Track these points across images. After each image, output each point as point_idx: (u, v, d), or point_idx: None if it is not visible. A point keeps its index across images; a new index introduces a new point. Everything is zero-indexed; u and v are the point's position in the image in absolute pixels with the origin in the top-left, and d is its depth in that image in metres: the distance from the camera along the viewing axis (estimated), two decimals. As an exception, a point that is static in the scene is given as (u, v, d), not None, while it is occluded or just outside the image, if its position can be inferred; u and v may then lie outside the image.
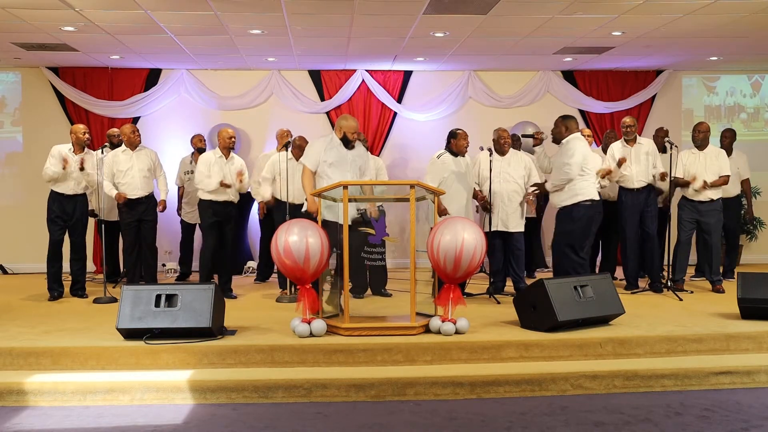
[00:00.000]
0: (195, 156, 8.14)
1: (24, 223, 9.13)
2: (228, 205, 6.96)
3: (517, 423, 3.94)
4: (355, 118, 6.32)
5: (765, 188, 9.87)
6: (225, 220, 6.96)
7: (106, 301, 6.64)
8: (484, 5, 6.56)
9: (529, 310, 5.24)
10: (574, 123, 6.32)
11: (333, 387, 4.37)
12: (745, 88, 10.20)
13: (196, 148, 8.37)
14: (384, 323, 5.19)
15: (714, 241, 7.18)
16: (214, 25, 7.11)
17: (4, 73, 9.51)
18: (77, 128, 6.99)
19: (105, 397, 4.32)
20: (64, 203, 6.82)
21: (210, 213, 6.91)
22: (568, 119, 6.33)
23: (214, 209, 6.90)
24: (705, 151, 7.23)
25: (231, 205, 7.00)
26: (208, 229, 6.96)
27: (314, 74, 9.66)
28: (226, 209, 6.95)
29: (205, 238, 7.02)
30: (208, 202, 6.90)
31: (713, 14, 6.85)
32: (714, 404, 4.26)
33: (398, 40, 7.91)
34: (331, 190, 5.26)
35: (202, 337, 4.88)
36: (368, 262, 5.60)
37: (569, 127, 6.27)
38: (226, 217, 6.97)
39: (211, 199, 6.89)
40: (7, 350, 4.70)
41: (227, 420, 4.01)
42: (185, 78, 9.50)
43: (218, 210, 6.90)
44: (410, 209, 5.13)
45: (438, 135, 8.49)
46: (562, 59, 9.10)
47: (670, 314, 5.85)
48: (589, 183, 6.23)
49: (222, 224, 6.94)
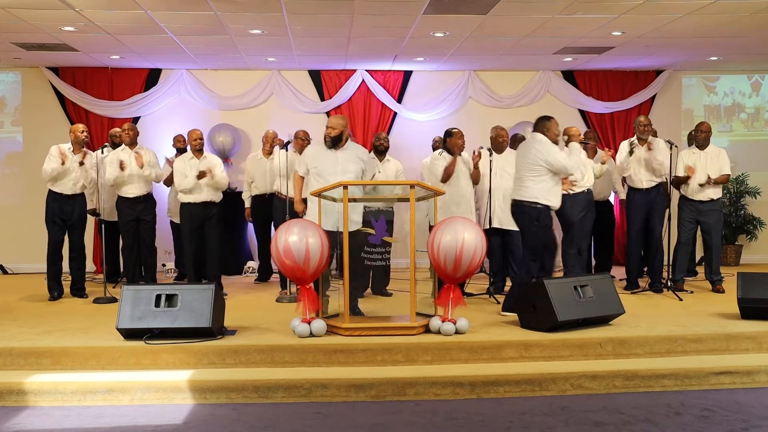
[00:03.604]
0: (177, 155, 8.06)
1: (24, 223, 9.12)
2: (208, 206, 6.95)
3: (517, 423, 3.94)
4: (342, 116, 6.09)
5: (765, 188, 9.87)
6: (205, 222, 6.94)
7: (106, 301, 6.64)
8: (484, 5, 6.56)
9: (529, 310, 5.24)
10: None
11: (333, 387, 4.37)
12: (745, 88, 10.20)
13: (177, 148, 8.33)
14: (384, 323, 5.18)
15: (714, 241, 7.18)
16: (214, 25, 7.11)
17: (4, 73, 9.51)
18: (76, 127, 6.99)
19: (105, 397, 4.31)
20: (62, 203, 6.81)
21: (188, 217, 6.93)
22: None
23: (193, 212, 6.90)
24: (706, 151, 7.23)
25: (211, 205, 6.98)
26: (187, 234, 6.98)
27: (314, 74, 9.67)
28: (205, 210, 6.93)
29: (184, 242, 7.05)
30: (187, 205, 6.92)
31: (713, 14, 6.85)
32: (714, 404, 4.25)
33: (398, 40, 7.91)
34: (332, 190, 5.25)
35: (202, 337, 4.88)
36: (368, 262, 5.60)
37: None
38: (206, 218, 6.95)
39: (189, 202, 6.90)
40: (7, 350, 4.70)
41: (227, 420, 4.01)
42: (185, 78, 9.50)
43: (197, 212, 6.90)
44: (410, 209, 5.13)
45: (438, 135, 8.50)
46: (562, 59, 9.10)
47: (670, 314, 5.85)
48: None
49: (202, 227, 6.94)
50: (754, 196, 9.79)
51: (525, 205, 5.76)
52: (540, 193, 5.71)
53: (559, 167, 5.72)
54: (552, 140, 5.84)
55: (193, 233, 6.93)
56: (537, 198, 5.71)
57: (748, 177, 9.73)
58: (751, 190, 9.75)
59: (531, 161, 5.75)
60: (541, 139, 5.80)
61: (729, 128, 10.10)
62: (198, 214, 6.91)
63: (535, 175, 5.72)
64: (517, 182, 5.89)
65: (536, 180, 5.71)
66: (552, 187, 5.76)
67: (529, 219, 5.74)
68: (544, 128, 5.85)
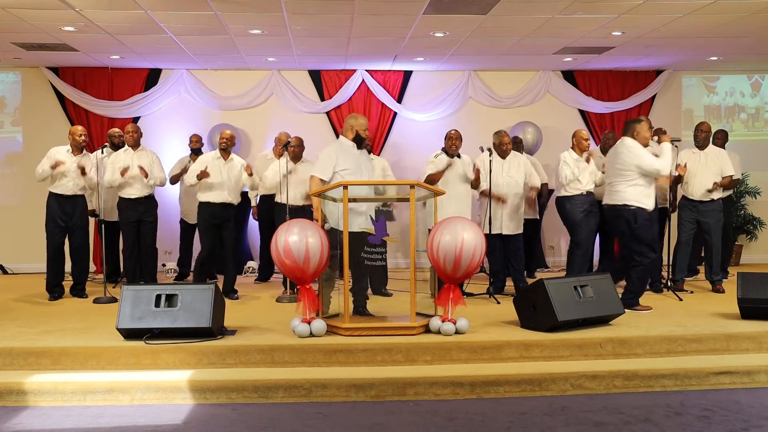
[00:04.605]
0: (193, 157, 8.11)
1: (24, 223, 9.12)
2: (226, 207, 6.93)
3: (517, 423, 3.94)
4: (365, 116, 6.11)
5: (765, 188, 9.87)
6: (223, 223, 6.93)
7: (106, 301, 6.64)
8: (484, 5, 6.56)
9: (529, 310, 5.24)
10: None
11: (333, 387, 4.37)
12: (745, 88, 10.20)
13: (192, 148, 8.36)
14: (384, 323, 5.18)
15: (714, 241, 7.18)
16: (214, 25, 7.11)
17: (4, 73, 9.51)
18: (74, 130, 6.95)
19: (105, 397, 4.32)
20: (63, 204, 6.80)
21: (207, 216, 6.89)
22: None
23: (212, 211, 6.87)
24: (705, 151, 7.24)
25: (230, 206, 6.96)
26: (204, 232, 6.96)
27: (314, 74, 9.66)
28: (223, 211, 6.91)
29: (202, 240, 7.03)
30: (206, 204, 6.89)
31: (713, 14, 6.85)
32: (714, 404, 4.26)
33: (398, 40, 7.91)
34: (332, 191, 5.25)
35: (202, 337, 4.88)
36: (368, 263, 5.61)
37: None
38: (224, 219, 6.94)
39: (208, 201, 6.87)
40: (7, 350, 4.70)
41: (227, 420, 4.01)
42: (185, 78, 9.50)
43: (216, 212, 6.88)
44: (410, 209, 5.13)
45: (438, 135, 8.48)
46: (562, 59, 9.10)
47: (670, 314, 5.85)
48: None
49: (219, 227, 6.91)
50: (754, 196, 9.79)
51: (619, 209, 5.91)
52: (633, 196, 5.88)
53: (652, 171, 5.87)
54: (642, 143, 5.95)
55: (210, 232, 6.89)
56: (630, 201, 5.88)
57: (748, 177, 9.73)
58: (751, 190, 9.75)
59: (620, 166, 5.93)
60: (629, 144, 5.93)
61: (729, 128, 10.06)
62: (217, 214, 6.88)
63: (627, 179, 5.89)
64: (609, 187, 6.08)
65: (628, 184, 5.89)
66: (645, 189, 5.92)
67: (626, 222, 5.90)
68: (633, 132, 5.98)
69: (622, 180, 5.92)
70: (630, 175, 5.88)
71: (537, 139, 9.39)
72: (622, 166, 5.91)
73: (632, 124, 6.03)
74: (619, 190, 5.93)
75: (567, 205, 6.93)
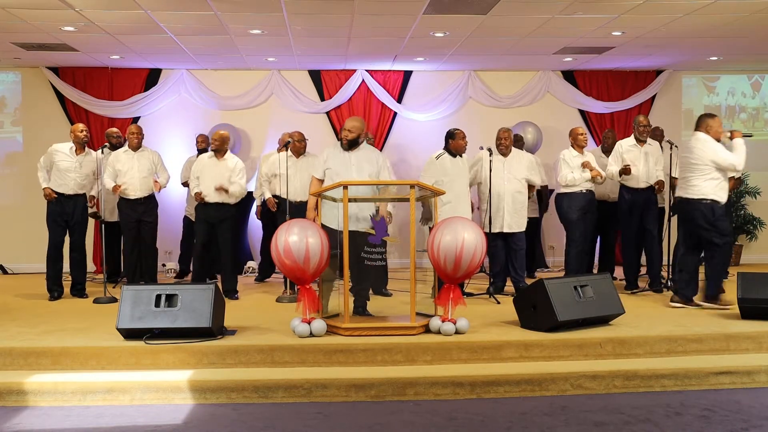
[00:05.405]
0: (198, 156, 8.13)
1: (24, 223, 9.13)
2: (222, 207, 6.94)
3: (517, 423, 3.94)
4: (360, 118, 6.13)
5: (765, 188, 9.87)
6: (219, 221, 6.94)
7: (106, 301, 6.64)
8: (484, 5, 6.56)
9: (529, 310, 5.24)
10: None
11: (333, 387, 4.37)
12: (745, 88, 10.20)
13: (199, 149, 8.39)
14: (384, 323, 5.18)
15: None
16: (214, 25, 7.11)
17: (4, 73, 9.51)
18: (76, 127, 6.98)
19: (105, 397, 4.32)
20: (63, 203, 6.82)
21: (202, 214, 6.96)
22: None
23: (206, 211, 6.92)
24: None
25: (226, 206, 6.97)
26: (197, 229, 7.04)
27: (314, 74, 9.67)
28: (219, 211, 6.92)
29: (195, 236, 7.10)
30: (202, 204, 6.93)
31: (713, 14, 6.85)
32: (714, 404, 4.26)
33: (398, 40, 7.91)
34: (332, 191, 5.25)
35: (202, 337, 4.88)
36: (368, 263, 5.60)
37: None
38: (220, 218, 6.94)
39: (205, 202, 6.91)
40: (7, 350, 4.69)
41: (227, 420, 4.01)
42: (185, 78, 9.51)
43: (210, 212, 6.91)
44: (410, 209, 5.13)
45: (438, 135, 8.46)
46: (562, 59, 9.10)
47: (670, 314, 5.85)
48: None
49: (214, 225, 6.94)
50: (754, 196, 9.79)
51: (694, 202, 5.96)
52: (708, 189, 5.94)
53: (727, 165, 5.93)
54: (715, 138, 5.99)
55: (202, 229, 6.94)
56: (706, 195, 5.94)
57: (748, 177, 9.72)
58: (751, 190, 9.76)
59: (695, 161, 5.97)
60: (704, 138, 5.97)
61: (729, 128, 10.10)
62: (211, 214, 6.91)
63: (701, 174, 5.94)
64: (683, 182, 6.10)
65: (703, 178, 5.94)
66: (720, 182, 5.98)
67: (703, 215, 5.94)
68: (706, 126, 6.02)
69: (698, 174, 5.96)
70: (705, 170, 5.93)
71: (537, 139, 9.38)
72: (696, 161, 5.96)
73: (705, 118, 6.09)
74: (695, 184, 5.98)
75: (565, 203, 6.93)
